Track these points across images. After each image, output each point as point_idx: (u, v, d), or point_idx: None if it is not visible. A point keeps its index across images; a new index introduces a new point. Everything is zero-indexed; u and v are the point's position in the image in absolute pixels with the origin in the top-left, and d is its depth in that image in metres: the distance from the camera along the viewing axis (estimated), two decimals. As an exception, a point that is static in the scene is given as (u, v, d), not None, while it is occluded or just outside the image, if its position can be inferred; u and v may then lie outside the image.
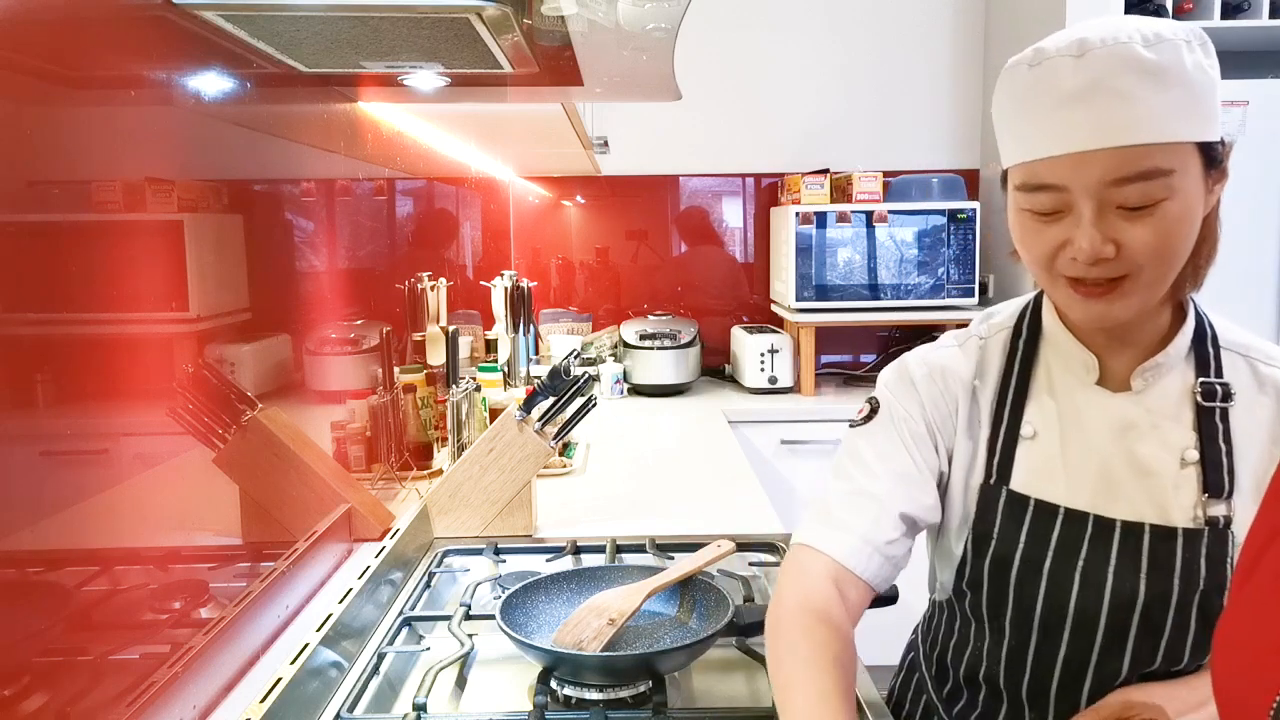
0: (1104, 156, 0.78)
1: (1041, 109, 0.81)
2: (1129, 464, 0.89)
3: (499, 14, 1.08)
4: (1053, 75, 0.80)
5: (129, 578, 0.95)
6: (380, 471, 1.80)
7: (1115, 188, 0.78)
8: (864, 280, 3.03)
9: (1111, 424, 0.91)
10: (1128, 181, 0.78)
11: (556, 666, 1.06)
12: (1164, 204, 0.79)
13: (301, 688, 1.00)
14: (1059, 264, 0.84)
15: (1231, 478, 0.87)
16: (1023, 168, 0.84)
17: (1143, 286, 0.82)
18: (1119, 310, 0.84)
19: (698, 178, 3.51)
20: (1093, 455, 0.91)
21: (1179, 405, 0.90)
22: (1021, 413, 0.94)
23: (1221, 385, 0.89)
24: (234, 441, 1.21)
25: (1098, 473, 0.90)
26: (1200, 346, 0.91)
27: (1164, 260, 0.81)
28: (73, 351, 0.89)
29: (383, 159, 2.00)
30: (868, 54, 3.37)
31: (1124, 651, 0.90)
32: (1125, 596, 0.88)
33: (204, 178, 1.19)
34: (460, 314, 2.80)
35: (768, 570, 1.46)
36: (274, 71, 1.34)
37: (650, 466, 2.19)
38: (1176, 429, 0.89)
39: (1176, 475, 0.88)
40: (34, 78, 0.82)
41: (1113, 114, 0.77)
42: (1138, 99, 0.76)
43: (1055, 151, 0.80)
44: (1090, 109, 0.78)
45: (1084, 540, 0.89)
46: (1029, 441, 0.94)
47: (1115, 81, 0.77)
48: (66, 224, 0.89)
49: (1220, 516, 0.86)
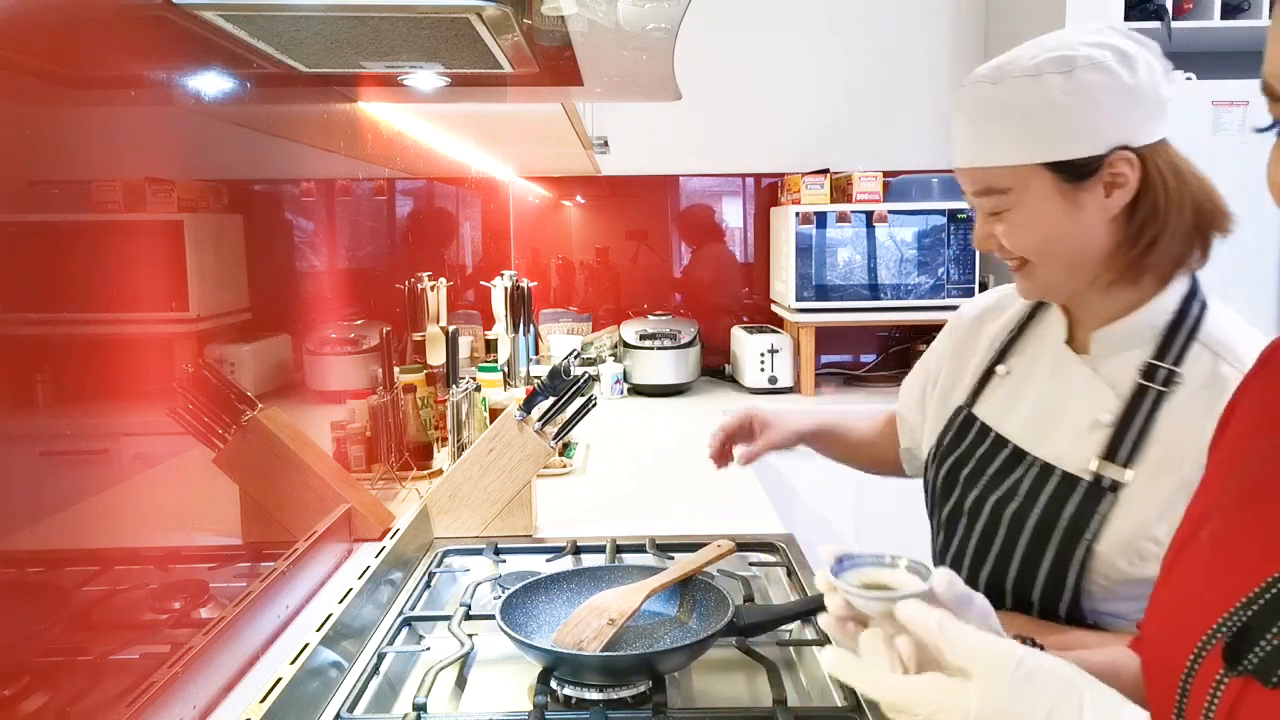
0: (962, 174, 1.00)
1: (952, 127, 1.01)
2: (1061, 413, 1.03)
3: (499, 14, 1.08)
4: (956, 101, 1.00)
5: (129, 578, 0.95)
6: (380, 471, 1.80)
7: (975, 198, 1.00)
8: (864, 280, 3.03)
9: (1062, 377, 1.05)
10: (978, 195, 0.99)
11: (556, 666, 1.06)
12: (1010, 213, 0.97)
13: (301, 688, 1.00)
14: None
15: (1133, 452, 0.96)
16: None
17: (1039, 271, 0.99)
18: (1029, 287, 1.02)
19: (698, 178, 3.51)
20: (1035, 399, 1.06)
21: (1124, 376, 0.99)
22: (1005, 356, 1.13)
23: (1168, 371, 0.96)
24: (234, 441, 1.21)
25: (1033, 414, 1.06)
26: (1173, 333, 0.98)
27: (1039, 254, 0.98)
28: (73, 351, 0.89)
29: (383, 159, 2.00)
30: (868, 54, 3.37)
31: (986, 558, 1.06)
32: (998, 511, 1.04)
33: (204, 178, 1.19)
34: (460, 314, 2.80)
35: (768, 570, 1.46)
36: (274, 71, 1.34)
37: (650, 466, 2.19)
38: (1109, 395, 0.99)
39: (1089, 432, 1.00)
40: (34, 78, 0.82)
41: (963, 142, 0.98)
42: (979, 130, 0.96)
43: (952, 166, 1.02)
44: (954, 136, 1.00)
45: (995, 461, 1.07)
46: (1000, 379, 1.12)
47: (968, 114, 0.97)
48: (66, 224, 0.89)
49: (1108, 478, 0.96)
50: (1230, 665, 0.53)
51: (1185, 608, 0.59)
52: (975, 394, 1.15)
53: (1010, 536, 1.03)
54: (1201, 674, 0.55)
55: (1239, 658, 0.52)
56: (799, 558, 1.45)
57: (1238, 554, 0.57)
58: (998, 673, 0.54)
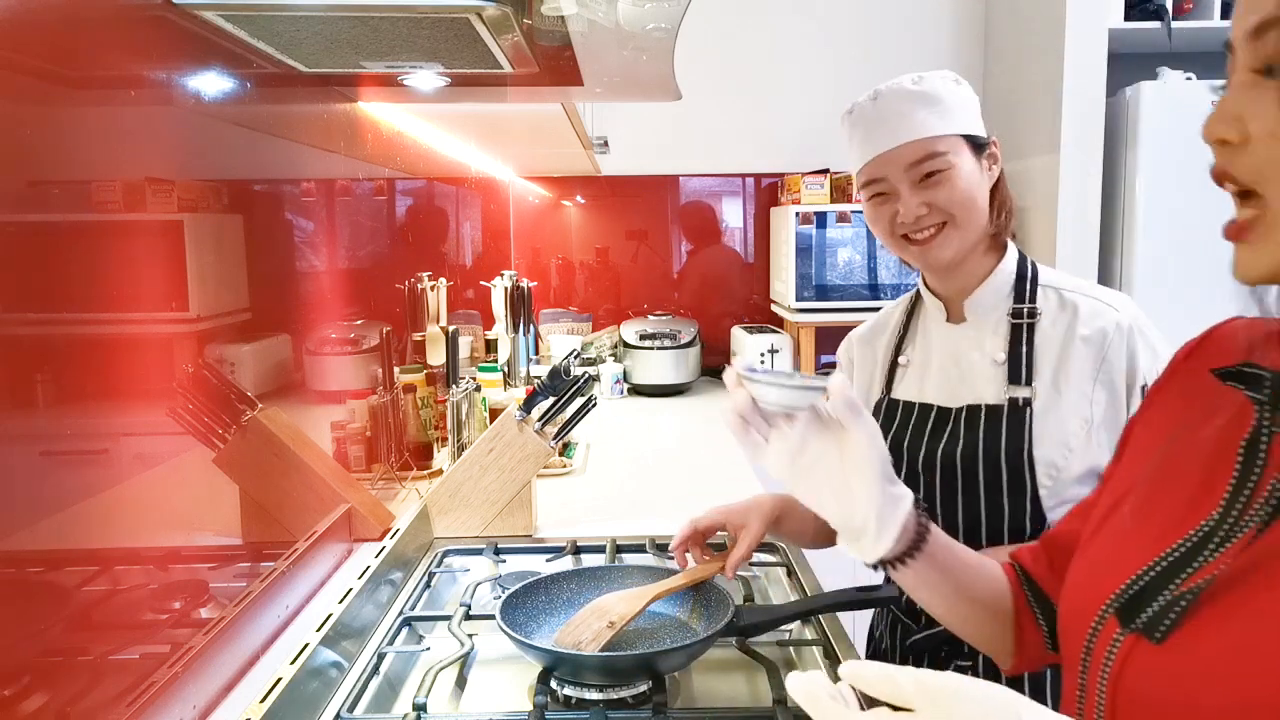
0: (898, 151, 1.18)
1: (859, 133, 1.22)
2: (960, 369, 1.25)
3: (499, 14, 1.08)
4: (861, 113, 1.22)
5: (129, 578, 0.95)
6: (380, 471, 1.80)
7: (913, 168, 1.18)
8: (864, 280, 3.03)
9: (952, 345, 1.27)
10: (918, 163, 1.18)
11: (556, 666, 1.06)
12: (945, 174, 1.17)
13: (301, 688, 1.00)
14: (896, 228, 1.21)
15: (1029, 370, 1.20)
16: (860, 173, 1.24)
17: (959, 230, 1.19)
18: (940, 250, 1.20)
19: (698, 178, 3.51)
20: (940, 369, 1.28)
21: (998, 326, 1.24)
22: (900, 350, 1.34)
23: (1028, 308, 1.23)
24: (234, 441, 1.21)
25: (941, 380, 1.27)
26: (1020, 286, 1.24)
27: (964, 208, 1.18)
28: (73, 351, 0.89)
29: (383, 159, 2.00)
30: (868, 54, 3.37)
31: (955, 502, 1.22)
32: (950, 455, 1.22)
33: (204, 178, 1.19)
34: (460, 314, 2.80)
35: (768, 570, 1.46)
36: (274, 71, 1.34)
37: (650, 466, 2.19)
38: (993, 340, 1.24)
39: (991, 371, 1.23)
40: (34, 78, 0.82)
41: (894, 127, 1.19)
42: (911, 115, 1.18)
43: (872, 155, 1.20)
44: (881, 128, 1.19)
45: (928, 424, 1.26)
46: (903, 368, 1.33)
47: (896, 106, 1.19)
48: (66, 224, 0.89)
49: (1020, 398, 1.19)
50: (1123, 625, 0.60)
51: (1095, 576, 0.66)
52: (888, 386, 1.34)
53: (968, 473, 1.21)
54: (1102, 635, 0.62)
55: (1131, 618, 0.59)
56: (799, 558, 1.45)
57: (1146, 528, 0.63)
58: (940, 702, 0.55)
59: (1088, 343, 1.18)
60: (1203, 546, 0.58)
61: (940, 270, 1.25)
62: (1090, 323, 1.19)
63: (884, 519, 0.75)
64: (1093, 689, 0.62)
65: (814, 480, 0.75)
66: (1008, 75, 3.20)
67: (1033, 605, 0.83)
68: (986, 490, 1.20)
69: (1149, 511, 0.65)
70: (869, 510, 0.74)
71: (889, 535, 0.75)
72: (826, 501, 0.76)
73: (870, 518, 0.74)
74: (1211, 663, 0.54)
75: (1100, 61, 2.77)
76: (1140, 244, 2.77)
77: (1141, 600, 0.59)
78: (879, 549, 0.76)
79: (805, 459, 0.75)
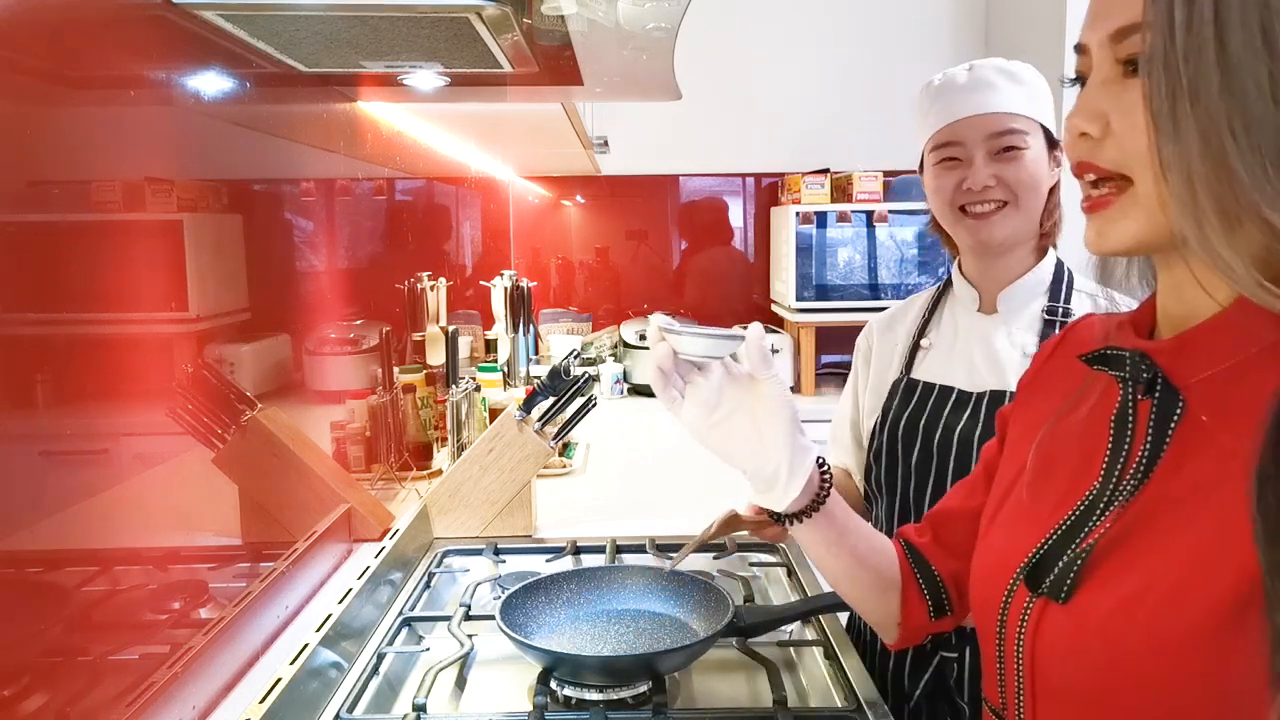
0: (986, 117, 1.22)
1: (947, 97, 1.25)
2: (986, 356, 1.27)
3: (499, 14, 1.08)
4: (953, 79, 1.26)
5: (129, 578, 0.95)
6: (380, 471, 1.80)
7: (995, 138, 1.21)
8: (864, 280, 3.03)
9: (981, 333, 1.29)
10: (998, 135, 1.21)
11: (556, 667, 1.06)
12: (1024, 152, 1.21)
13: (301, 688, 1.00)
14: (958, 197, 1.23)
15: None
16: (936, 135, 1.26)
17: (1018, 210, 1.21)
18: (998, 229, 1.22)
19: (698, 178, 3.51)
20: (965, 355, 1.30)
21: (1031, 321, 1.27)
22: (925, 333, 1.36)
23: (1064, 308, 1.25)
24: (234, 441, 1.21)
25: (966, 365, 1.29)
26: (1056, 287, 1.27)
27: (1030, 192, 1.21)
28: (73, 351, 0.89)
29: (382, 159, 2.00)
30: (868, 54, 3.37)
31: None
32: (967, 435, 1.24)
33: (204, 178, 1.19)
34: (460, 314, 2.80)
35: (768, 570, 1.46)
36: (274, 71, 1.34)
37: (650, 466, 2.19)
38: (1025, 334, 1.26)
39: (1019, 362, 1.24)
40: (34, 78, 0.82)
41: (983, 96, 1.22)
42: (1000, 89, 1.22)
43: (959, 116, 1.23)
44: (978, 91, 1.23)
45: (948, 404, 1.28)
46: (925, 350, 1.35)
47: (986, 78, 1.23)
48: (66, 224, 0.89)
49: None
50: (1031, 590, 0.66)
51: (1001, 554, 0.72)
52: (908, 366, 1.35)
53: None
54: (1014, 604, 0.68)
55: (1037, 583, 0.66)
56: (799, 558, 1.45)
57: (1040, 505, 0.70)
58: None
59: None
60: (1090, 513, 0.64)
61: (988, 251, 1.26)
62: None
63: (794, 467, 0.79)
64: (1010, 653, 0.68)
65: (727, 431, 0.79)
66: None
67: (919, 578, 0.89)
68: None
69: (1040, 490, 0.71)
70: (781, 458, 0.78)
71: (798, 482, 0.79)
72: (740, 451, 0.80)
73: (782, 465, 0.78)
74: (1110, 614, 0.60)
75: (1100, 61, 2.77)
76: (1140, 244, 2.77)
77: (1044, 567, 0.65)
78: (789, 495, 0.79)
79: (719, 413, 0.79)
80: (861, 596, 0.90)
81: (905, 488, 1.30)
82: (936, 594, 0.89)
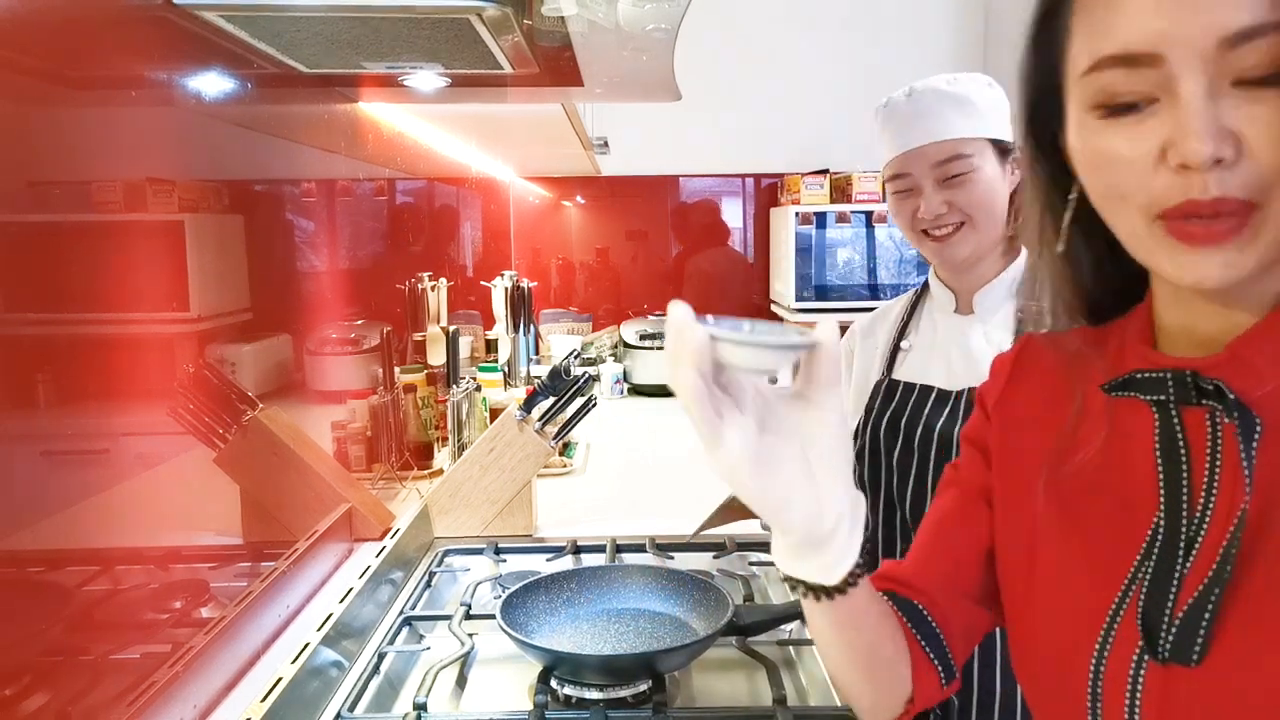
0: (925, 150, 1.24)
1: (891, 128, 1.28)
2: (964, 355, 1.29)
3: (499, 14, 1.08)
4: (894, 108, 1.29)
5: (130, 577, 0.95)
6: (381, 471, 1.80)
7: (938, 167, 1.23)
8: (864, 280, 3.03)
9: (958, 333, 1.31)
10: (945, 163, 1.23)
11: (557, 666, 1.06)
12: (969, 176, 1.22)
13: (302, 687, 1.00)
14: (916, 223, 1.27)
15: None
16: (887, 167, 1.30)
17: (976, 231, 1.24)
18: (958, 249, 1.25)
19: (698, 178, 3.51)
20: (943, 354, 1.32)
21: (1007, 320, 1.27)
22: (904, 335, 1.39)
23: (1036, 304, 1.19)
24: (234, 441, 1.21)
25: (944, 365, 1.31)
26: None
27: (983, 210, 1.23)
28: (73, 351, 0.89)
29: (383, 159, 2.00)
30: (868, 54, 3.37)
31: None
32: (947, 431, 1.25)
33: (205, 178, 1.19)
34: (460, 314, 2.80)
35: (768, 570, 1.46)
36: (274, 72, 1.35)
37: (650, 466, 2.19)
38: (1001, 333, 1.27)
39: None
40: (34, 78, 0.82)
41: (924, 125, 1.24)
42: (943, 115, 1.24)
43: (901, 150, 1.26)
44: (910, 125, 1.25)
45: (928, 403, 1.29)
46: (905, 352, 1.37)
47: (927, 105, 1.25)
48: (67, 224, 0.89)
49: None
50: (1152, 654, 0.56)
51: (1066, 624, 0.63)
52: (889, 368, 1.37)
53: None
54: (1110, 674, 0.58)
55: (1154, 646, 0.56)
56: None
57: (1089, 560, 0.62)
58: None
59: None
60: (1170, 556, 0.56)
61: (955, 268, 1.29)
62: None
63: (856, 520, 0.59)
64: None
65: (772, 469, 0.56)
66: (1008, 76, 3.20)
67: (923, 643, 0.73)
68: None
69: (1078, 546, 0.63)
70: (842, 508, 0.58)
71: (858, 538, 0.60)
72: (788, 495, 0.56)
73: (844, 517, 0.58)
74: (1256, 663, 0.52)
75: (1100, 62, 2.77)
76: (1140, 244, 2.77)
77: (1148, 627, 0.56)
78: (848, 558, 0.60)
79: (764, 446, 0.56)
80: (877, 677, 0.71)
81: (889, 484, 1.32)
82: (944, 658, 0.73)
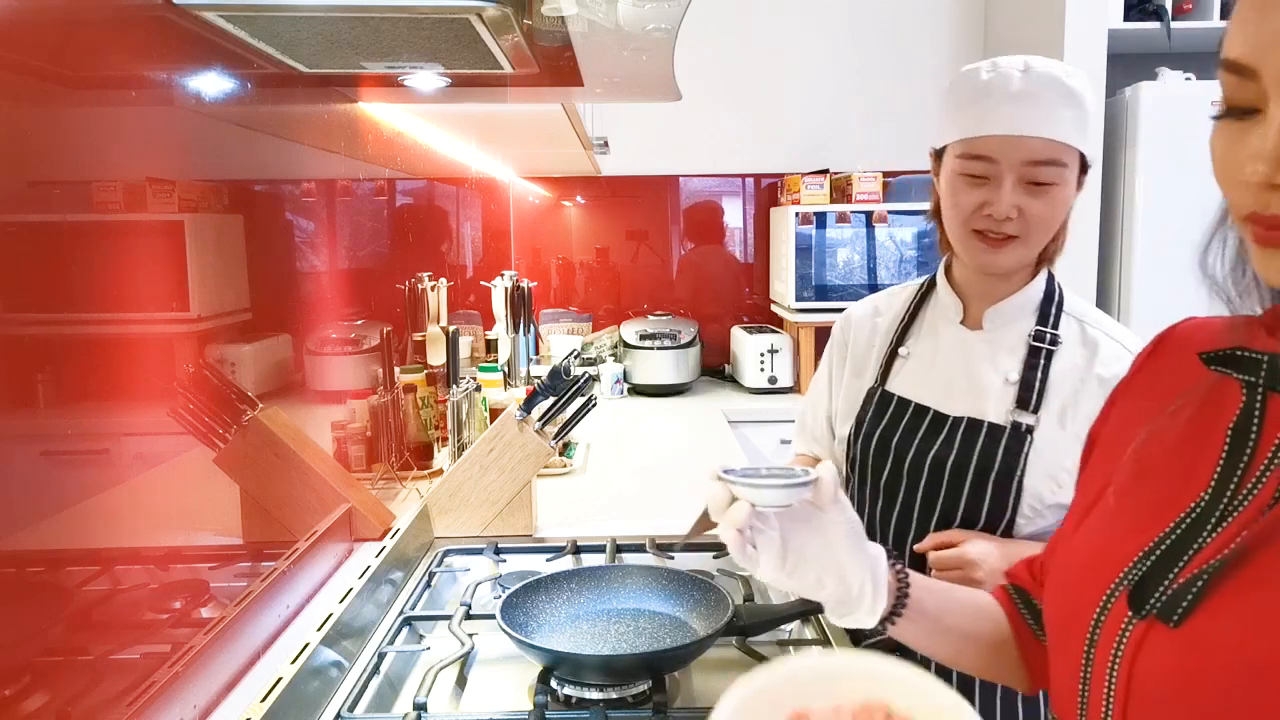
0: (1031, 141, 1.09)
1: (992, 101, 1.11)
2: (967, 379, 1.22)
3: (499, 14, 1.08)
4: (1004, 80, 1.11)
5: (130, 577, 0.95)
6: (381, 471, 1.80)
7: (1031, 167, 1.10)
8: (864, 280, 3.03)
9: (962, 350, 1.23)
10: (1036, 165, 1.09)
11: (557, 666, 1.06)
12: (1056, 187, 1.11)
13: (302, 687, 1.00)
14: (975, 218, 1.13)
15: (1039, 399, 1.17)
16: (967, 142, 1.13)
17: (1026, 247, 1.14)
18: (1004, 260, 1.15)
19: (698, 178, 3.51)
20: (944, 373, 1.24)
21: (1016, 344, 1.21)
22: (904, 340, 1.30)
23: (1051, 334, 1.19)
24: (234, 441, 1.21)
25: (944, 383, 1.23)
26: (1046, 307, 1.21)
27: (1045, 229, 1.14)
28: (73, 351, 0.89)
29: (383, 159, 2.00)
30: (868, 54, 3.37)
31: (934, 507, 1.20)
32: (940, 460, 1.19)
33: (205, 178, 1.19)
34: (460, 314, 2.80)
35: (768, 570, 1.46)
36: (274, 72, 1.35)
37: (650, 466, 2.19)
38: (1009, 359, 1.20)
39: (1000, 390, 1.19)
40: (34, 78, 0.82)
41: (1034, 115, 1.08)
42: (1054, 109, 1.08)
43: (999, 131, 1.10)
44: (1027, 106, 1.09)
45: (922, 425, 1.23)
46: (903, 360, 1.29)
47: (1041, 92, 1.09)
48: (67, 224, 0.89)
49: (1024, 423, 1.17)
50: (1135, 611, 0.60)
51: (1088, 569, 0.66)
52: (884, 375, 1.30)
53: (954, 484, 1.19)
54: (1108, 622, 0.62)
55: (1142, 603, 0.59)
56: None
57: (1132, 518, 0.65)
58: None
59: (1104, 385, 1.12)
60: (1199, 527, 0.59)
61: (986, 273, 1.20)
62: (1110, 366, 1.15)
63: (877, 579, 0.77)
64: (1099, 675, 0.62)
65: (805, 568, 0.76)
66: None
67: (1030, 624, 0.83)
68: (966, 503, 1.18)
69: (1133, 502, 0.66)
70: (863, 577, 0.76)
71: (883, 593, 0.77)
72: (821, 580, 0.76)
73: (866, 583, 0.76)
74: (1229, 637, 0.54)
75: (1100, 62, 2.77)
76: (1139, 244, 2.77)
77: (1146, 586, 0.60)
78: (878, 609, 0.77)
79: (792, 556, 0.76)
80: (983, 666, 0.85)
81: (873, 508, 1.27)
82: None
